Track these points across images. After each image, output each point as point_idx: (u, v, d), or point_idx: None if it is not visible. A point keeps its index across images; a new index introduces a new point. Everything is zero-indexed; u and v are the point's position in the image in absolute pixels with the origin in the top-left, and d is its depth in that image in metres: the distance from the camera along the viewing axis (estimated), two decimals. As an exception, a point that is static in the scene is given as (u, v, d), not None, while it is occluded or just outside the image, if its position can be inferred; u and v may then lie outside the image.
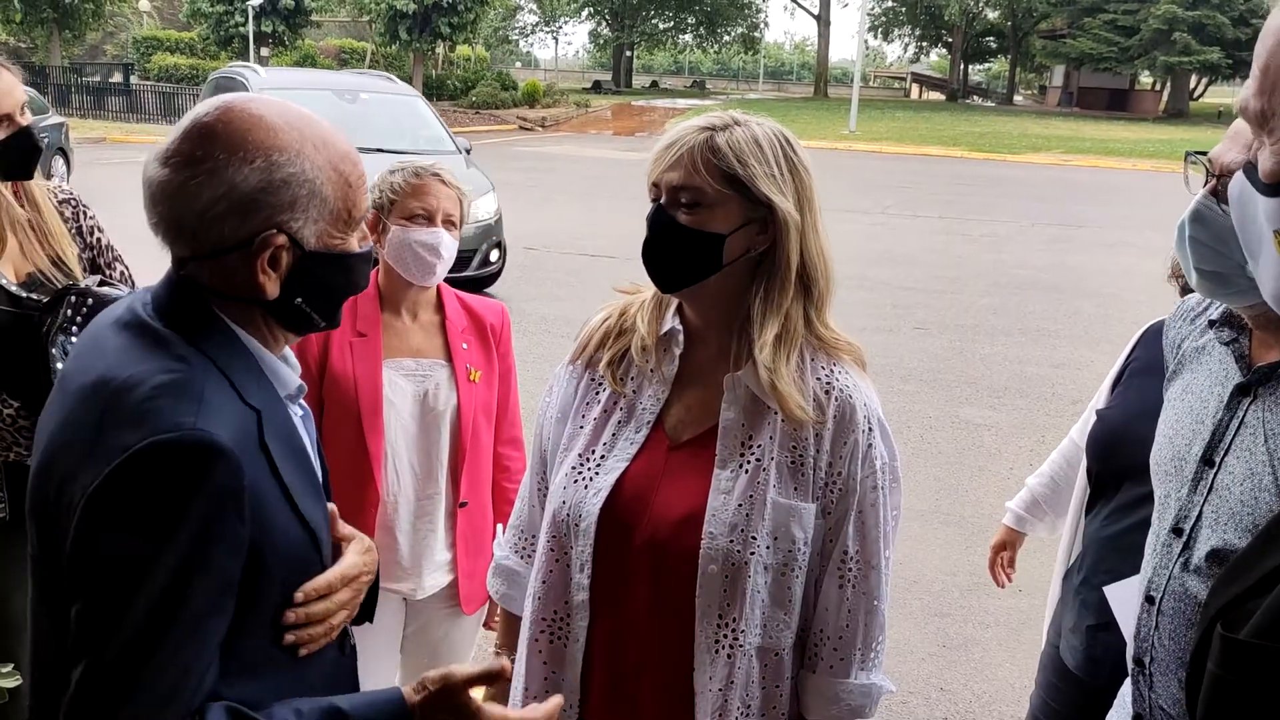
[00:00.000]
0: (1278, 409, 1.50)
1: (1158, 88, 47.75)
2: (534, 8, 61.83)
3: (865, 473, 1.63)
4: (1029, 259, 12.66)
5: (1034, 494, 2.64)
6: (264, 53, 36.88)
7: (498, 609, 1.95)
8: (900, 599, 4.24)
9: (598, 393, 1.75)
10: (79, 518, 1.16)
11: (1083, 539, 2.32)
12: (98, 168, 16.82)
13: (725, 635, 1.60)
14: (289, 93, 10.42)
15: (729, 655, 1.61)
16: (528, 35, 69.67)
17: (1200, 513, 1.55)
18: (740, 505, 1.59)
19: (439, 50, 39.54)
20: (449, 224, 2.38)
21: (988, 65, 69.48)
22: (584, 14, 59.41)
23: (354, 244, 1.35)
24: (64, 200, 2.46)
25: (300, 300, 1.32)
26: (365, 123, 10.52)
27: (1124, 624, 1.97)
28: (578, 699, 1.70)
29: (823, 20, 52.38)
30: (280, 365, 1.36)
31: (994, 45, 59.31)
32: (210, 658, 1.18)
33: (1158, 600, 1.58)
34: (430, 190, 2.36)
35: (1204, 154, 1.56)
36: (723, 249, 1.58)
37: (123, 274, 2.53)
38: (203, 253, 1.26)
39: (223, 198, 1.23)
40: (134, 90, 32.56)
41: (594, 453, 1.70)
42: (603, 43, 61.69)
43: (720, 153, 1.56)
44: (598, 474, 1.68)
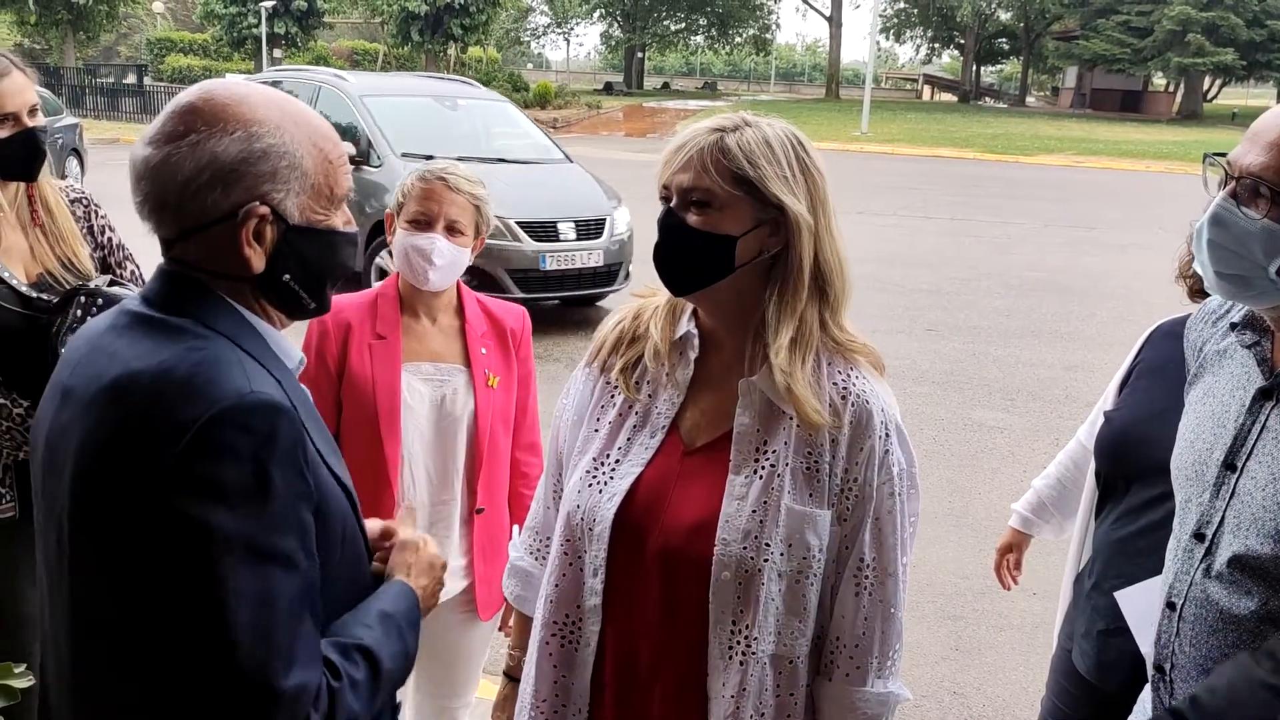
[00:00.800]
0: (1300, 413, 1.48)
1: (1171, 89, 47.58)
2: (545, 9, 61.92)
3: (882, 479, 1.61)
4: (1042, 260, 12.61)
5: (1040, 496, 2.62)
6: (277, 54, 37.05)
7: (511, 614, 1.94)
8: (913, 602, 4.21)
9: (613, 396, 1.73)
10: (154, 505, 1.15)
11: (1092, 542, 2.30)
12: (111, 168, 16.84)
13: (738, 642, 1.59)
14: (388, 99, 9.90)
15: (742, 662, 1.59)
16: (539, 37, 69.89)
17: (1222, 518, 1.53)
18: (754, 511, 1.58)
19: (451, 51, 39.61)
20: (453, 230, 2.33)
21: (1000, 67, 69.30)
22: (595, 15, 59.50)
23: (337, 222, 1.36)
24: (75, 199, 2.46)
25: (288, 277, 1.33)
26: (466, 129, 10.01)
27: (1136, 630, 1.95)
28: (588, 703, 1.69)
29: (834, 22, 52.31)
30: (283, 339, 1.38)
31: (1006, 47, 59.15)
32: (316, 603, 1.23)
33: (1179, 606, 1.56)
34: (433, 195, 2.33)
35: (1223, 155, 1.55)
36: (734, 251, 1.56)
37: (133, 273, 2.53)
38: (188, 227, 1.27)
39: (205, 168, 1.25)
40: (147, 91, 32.77)
41: (609, 457, 1.69)
42: (614, 44, 61.79)
43: (730, 154, 1.54)
44: (612, 478, 1.67)
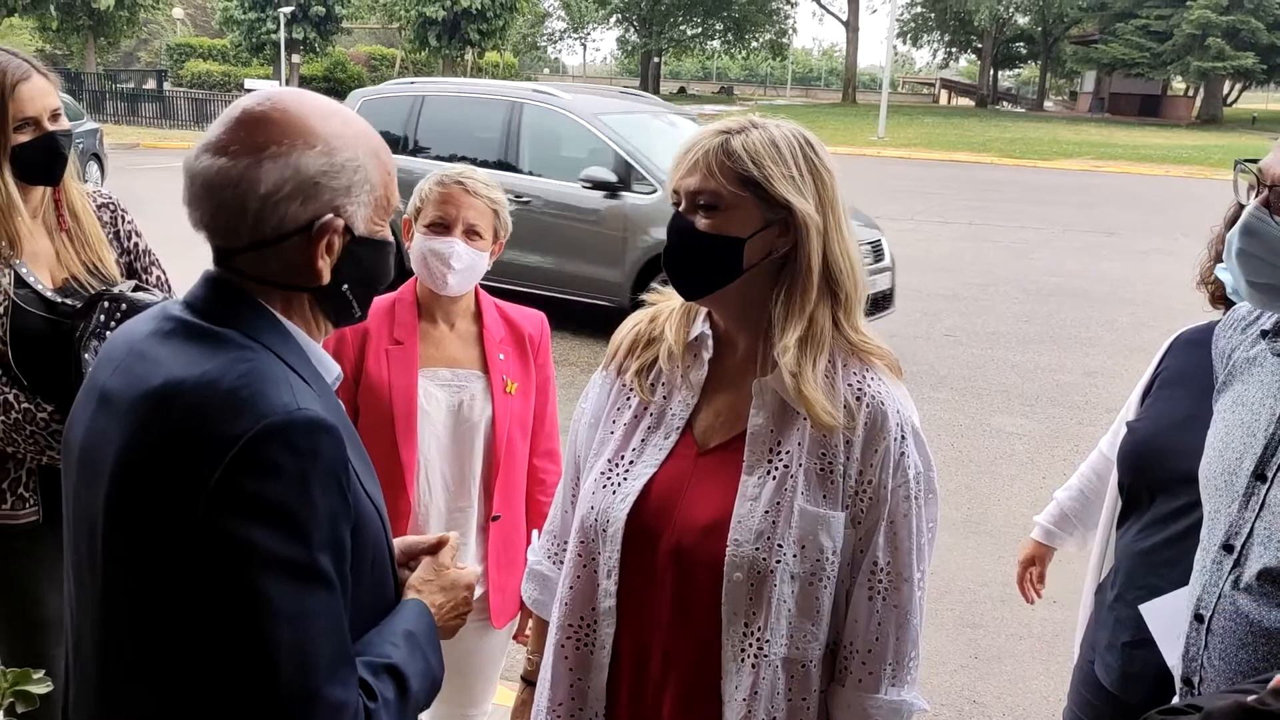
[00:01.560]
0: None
1: (1190, 93, 47.34)
2: (562, 14, 62.11)
3: (897, 482, 1.59)
4: (1060, 266, 12.56)
5: (1062, 508, 2.58)
6: (295, 59, 37.25)
7: (528, 622, 1.93)
8: (931, 609, 4.18)
9: (628, 398, 1.73)
10: (195, 519, 1.15)
11: (1114, 553, 2.28)
12: (131, 173, 17.03)
13: (750, 644, 1.58)
14: (622, 118, 8.87)
15: (754, 665, 1.58)
16: (556, 42, 70.17)
17: (1252, 529, 1.51)
18: (767, 512, 1.57)
19: (468, 57, 39.73)
20: (471, 234, 2.33)
21: (1017, 71, 69.12)
22: (612, 20, 59.60)
23: (388, 233, 1.39)
24: (102, 204, 2.47)
25: (347, 287, 1.34)
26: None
27: (1162, 643, 1.93)
28: (603, 706, 1.69)
29: (851, 26, 52.27)
30: (323, 353, 1.38)
31: (1024, 51, 58.97)
32: (347, 619, 1.24)
33: (1207, 619, 1.54)
34: (452, 199, 2.33)
35: (1254, 162, 1.53)
36: (742, 253, 1.56)
37: (159, 278, 2.53)
38: (263, 239, 1.27)
39: (289, 180, 1.25)
40: (167, 96, 33.04)
41: (623, 458, 1.69)
42: (631, 49, 61.83)
43: (735, 155, 1.54)
44: (626, 480, 1.67)
